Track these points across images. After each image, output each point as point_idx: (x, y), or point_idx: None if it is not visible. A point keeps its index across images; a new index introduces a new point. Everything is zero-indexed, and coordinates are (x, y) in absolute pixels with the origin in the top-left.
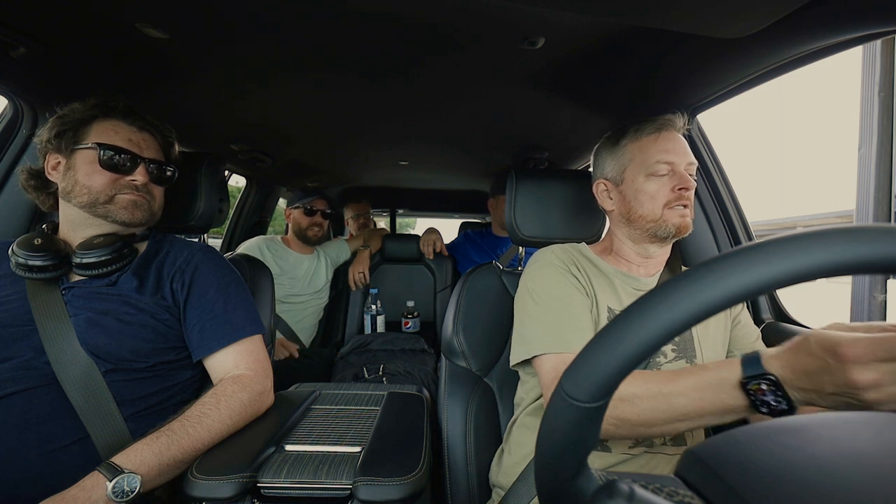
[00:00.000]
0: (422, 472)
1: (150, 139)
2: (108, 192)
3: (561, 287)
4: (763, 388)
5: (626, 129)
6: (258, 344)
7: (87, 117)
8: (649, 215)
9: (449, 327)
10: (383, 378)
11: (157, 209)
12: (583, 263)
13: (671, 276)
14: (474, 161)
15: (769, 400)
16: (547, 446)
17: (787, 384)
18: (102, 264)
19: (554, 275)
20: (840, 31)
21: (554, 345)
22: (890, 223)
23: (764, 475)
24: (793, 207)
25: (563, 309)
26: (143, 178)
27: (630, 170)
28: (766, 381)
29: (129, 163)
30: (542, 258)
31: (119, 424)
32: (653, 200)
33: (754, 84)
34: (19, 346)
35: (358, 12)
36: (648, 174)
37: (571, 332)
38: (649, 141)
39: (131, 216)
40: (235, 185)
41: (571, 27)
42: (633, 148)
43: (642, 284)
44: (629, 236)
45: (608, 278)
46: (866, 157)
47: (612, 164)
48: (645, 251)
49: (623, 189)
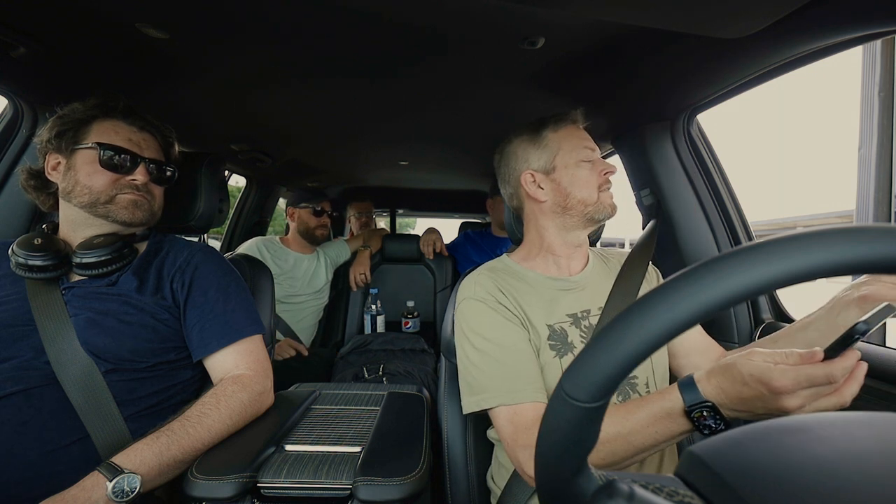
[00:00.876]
0: (422, 472)
1: (151, 139)
2: (109, 191)
3: (496, 329)
4: (704, 413)
5: (543, 123)
6: (258, 344)
7: (87, 117)
8: (588, 199)
9: (449, 327)
10: (383, 378)
11: (157, 209)
12: (508, 284)
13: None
14: (474, 161)
15: (710, 423)
16: (547, 446)
17: (724, 407)
18: (102, 264)
19: (484, 313)
20: (840, 31)
21: (504, 397)
22: (890, 223)
23: (764, 475)
24: (793, 207)
25: (504, 355)
26: (144, 177)
27: (560, 157)
28: (706, 409)
29: (130, 163)
30: (467, 292)
31: (119, 424)
32: (588, 185)
33: (754, 84)
34: (19, 346)
35: (358, 13)
36: (579, 160)
37: (519, 381)
38: (571, 131)
39: (132, 216)
40: (235, 185)
41: (571, 27)
42: (557, 138)
43: (571, 284)
44: (562, 226)
45: (536, 290)
46: (866, 157)
47: (538, 154)
48: (576, 239)
49: (556, 177)
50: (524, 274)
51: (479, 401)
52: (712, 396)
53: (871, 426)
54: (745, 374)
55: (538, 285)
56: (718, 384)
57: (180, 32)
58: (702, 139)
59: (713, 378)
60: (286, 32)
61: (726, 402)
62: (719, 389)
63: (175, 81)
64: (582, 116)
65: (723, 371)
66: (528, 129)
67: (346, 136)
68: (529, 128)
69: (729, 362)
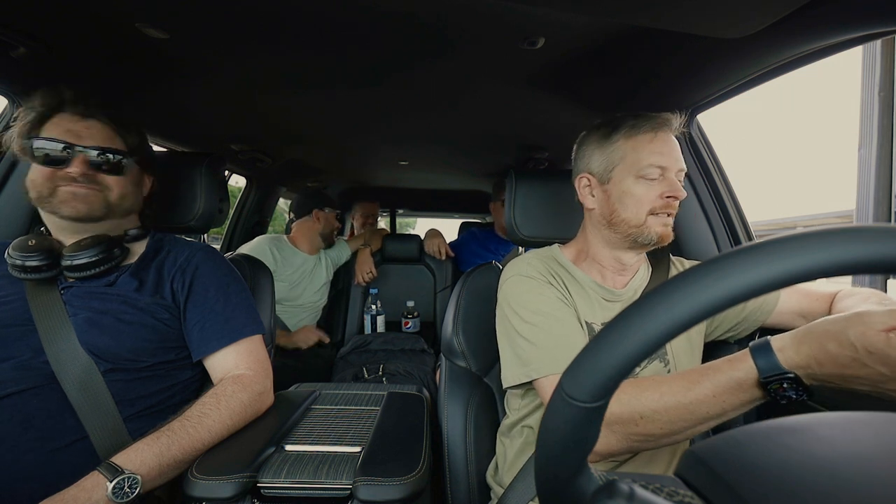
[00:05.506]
0: (422, 472)
1: (97, 126)
2: (49, 185)
3: (546, 301)
4: (784, 385)
5: (620, 124)
6: (258, 344)
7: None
8: (633, 220)
9: (449, 327)
10: (383, 378)
11: (115, 199)
12: (559, 273)
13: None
14: (474, 161)
15: (790, 395)
16: (547, 446)
17: (813, 378)
18: (91, 265)
19: (535, 288)
20: (840, 31)
21: (554, 365)
22: (890, 223)
23: (764, 475)
24: (793, 207)
25: (554, 326)
26: (79, 168)
27: (619, 169)
28: (788, 380)
29: (64, 154)
30: (516, 269)
31: (118, 424)
32: (638, 205)
33: (754, 84)
34: (19, 346)
35: (357, 13)
36: (638, 176)
37: (570, 350)
38: (644, 140)
39: (73, 210)
40: (235, 184)
41: (571, 27)
42: (625, 146)
43: (616, 296)
44: (607, 240)
45: (584, 289)
46: (866, 157)
47: (601, 159)
48: (619, 259)
49: (609, 188)
50: (573, 270)
51: (528, 372)
52: (799, 366)
53: (871, 426)
54: (859, 346)
55: (585, 285)
56: (812, 354)
57: (181, 33)
58: (702, 139)
59: (804, 346)
60: (286, 33)
61: (821, 374)
62: (812, 360)
63: (175, 81)
64: (671, 123)
65: (820, 339)
66: (604, 127)
67: (347, 137)
68: (605, 126)
69: (830, 329)
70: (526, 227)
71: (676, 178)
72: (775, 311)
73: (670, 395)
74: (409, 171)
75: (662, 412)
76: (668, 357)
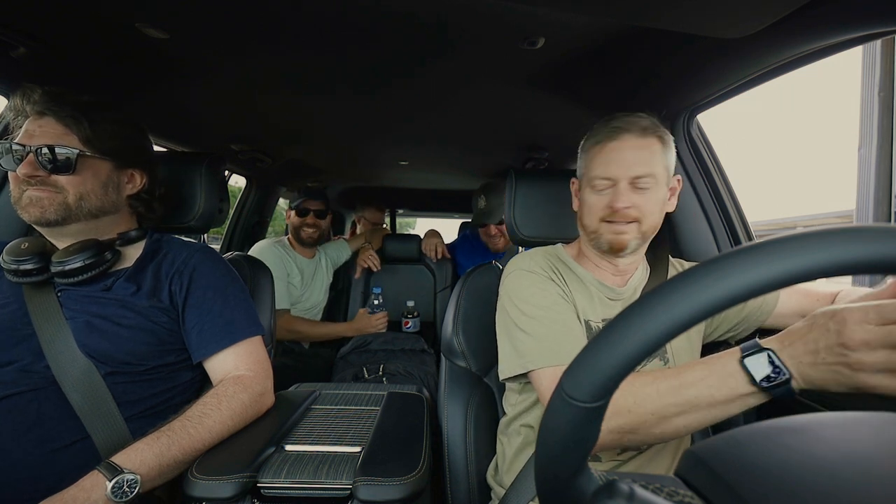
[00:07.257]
0: (422, 472)
1: (50, 122)
2: (17, 190)
3: (547, 296)
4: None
5: (595, 132)
6: (258, 345)
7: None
8: (589, 226)
9: (449, 327)
10: (383, 378)
11: (73, 201)
12: (561, 270)
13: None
14: (474, 161)
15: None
16: (547, 446)
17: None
18: (78, 271)
19: (536, 283)
20: (840, 31)
21: (550, 358)
22: (890, 223)
23: (764, 475)
24: (793, 207)
25: (553, 319)
26: (25, 170)
27: (584, 176)
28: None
29: (20, 157)
30: (519, 264)
31: (119, 425)
32: (590, 213)
33: (754, 84)
34: (19, 350)
35: (358, 13)
36: (590, 186)
37: (567, 344)
38: (594, 151)
39: (29, 214)
40: (235, 184)
41: (571, 27)
42: (585, 155)
43: (617, 294)
44: (587, 241)
45: (585, 286)
46: (866, 157)
47: (580, 164)
48: (608, 261)
49: (580, 194)
50: (575, 268)
51: (524, 363)
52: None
53: (871, 426)
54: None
55: (587, 282)
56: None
57: (181, 33)
58: (702, 139)
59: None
60: (286, 33)
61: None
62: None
63: (175, 81)
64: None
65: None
66: (591, 131)
67: (347, 137)
68: (592, 130)
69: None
70: (526, 227)
71: (632, 185)
72: (775, 312)
73: (662, 378)
74: (409, 171)
75: (654, 396)
76: (668, 356)
